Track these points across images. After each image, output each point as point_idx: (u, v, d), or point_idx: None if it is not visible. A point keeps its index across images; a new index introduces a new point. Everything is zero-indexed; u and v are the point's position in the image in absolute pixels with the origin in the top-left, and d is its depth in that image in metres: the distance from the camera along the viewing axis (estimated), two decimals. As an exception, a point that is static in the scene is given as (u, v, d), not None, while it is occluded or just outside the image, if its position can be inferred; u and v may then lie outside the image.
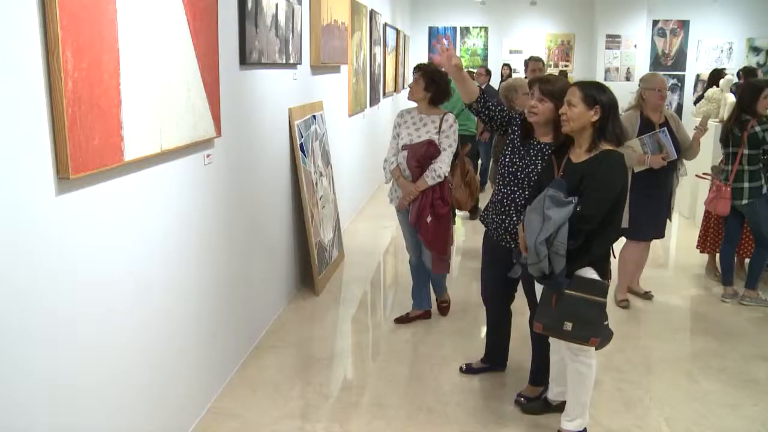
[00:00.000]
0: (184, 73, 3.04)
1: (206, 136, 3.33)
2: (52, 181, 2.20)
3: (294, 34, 5.02)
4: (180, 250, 3.19)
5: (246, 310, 4.21)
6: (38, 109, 2.12)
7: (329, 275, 5.77)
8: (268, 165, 4.61)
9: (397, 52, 12.00)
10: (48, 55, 2.13)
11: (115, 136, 2.47)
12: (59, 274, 2.26)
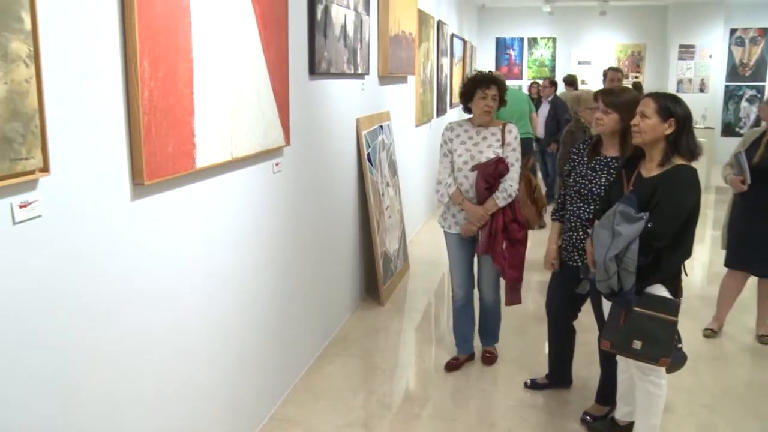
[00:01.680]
0: (255, 82, 3.09)
1: (275, 144, 3.37)
2: (128, 186, 2.26)
3: (362, 45, 5.05)
4: (248, 257, 3.23)
5: (311, 317, 4.24)
6: (116, 116, 2.18)
7: (394, 285, 5.77)
8: (335, 174, 4.64)
9: (464, 62, 11.96)
10: (126, 64, 2.20)
11: (188, 144, 2.52)
12: (132, 278, 2.32)
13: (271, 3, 3.24)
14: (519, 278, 4.05)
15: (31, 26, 1.77)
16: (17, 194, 1.80)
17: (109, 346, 2.21)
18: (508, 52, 15.92)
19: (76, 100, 2.00)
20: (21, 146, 1.76)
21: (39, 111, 1.81)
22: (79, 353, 2.07)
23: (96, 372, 2.15)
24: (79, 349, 2.07)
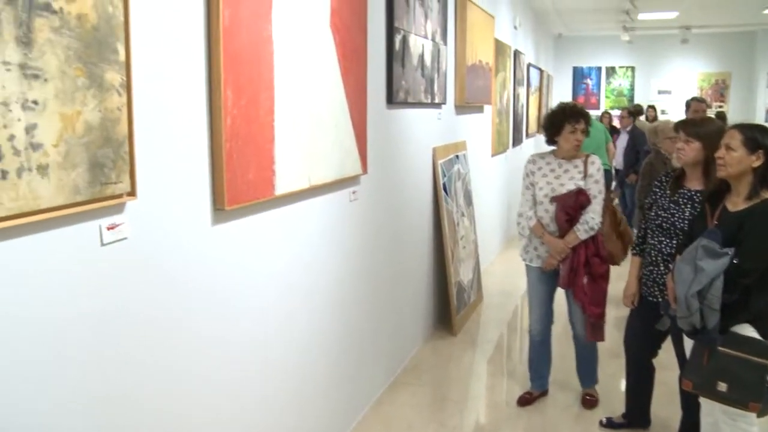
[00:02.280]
0: (333, 111, 3.13)
1: (353, 173, 3.40)
2: (209, 211, 2.31)
3: (439, 74, 5.07)
4: (324, 282, 3.26)
5: (384, 345, 4.22)
6: (200, 143, 2.24)
7: (467, 316, 5.71)
8: (411, 203, 4.65)
9: (541, 92, 11.87)
10: (211, 92, 2.26)
11: (268, 171, 2.57)
12: (212, 300, 2.37)
13: (351, 33, 3.29)
14: (601, 315, 3.90)
15: (125, 57, 1.84)
16: (106, 217, 1.87)
17: (186, 364, 2.25)
18: (585, 82, 15.75)
19: (162, 127, 2.07)
20: (111, 171, 1.82)
21: (128, 137, 1.88)
22: (159, 370, 2.11)
23: (173, 388, 2.19)
24: (159, 366, 2.11)
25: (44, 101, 1.61)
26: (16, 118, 1.54)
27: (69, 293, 1.76)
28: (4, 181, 1.52)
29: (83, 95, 1.72)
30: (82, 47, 1.71)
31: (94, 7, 1.74)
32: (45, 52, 1.61)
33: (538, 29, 11.77)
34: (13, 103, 1.54)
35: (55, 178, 1.66)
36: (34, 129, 1.59)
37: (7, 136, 1.52)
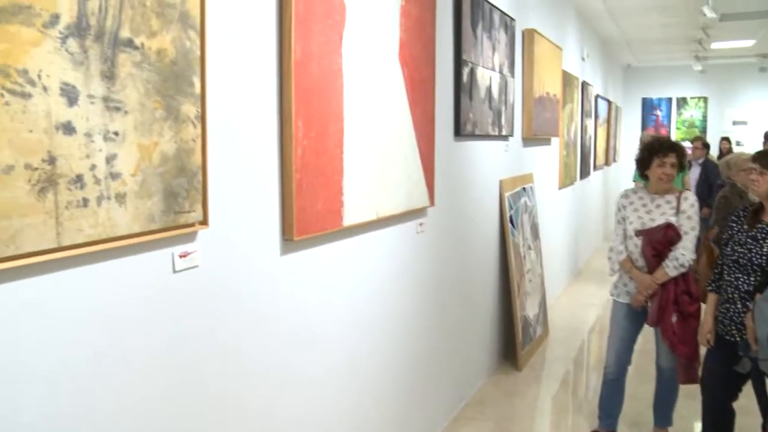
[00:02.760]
0: (402, 143, 3.14)
1: (420, 205, 3.40)
2: (278, 241, 2.34)
3: (507, 106, 5.05)
4: (390, 314, 3.25)
5: (448, 378, 4.18)
6: (270, 174, 2.28)
7: (532, 351, 5.60)
8: (477, 235, 4.62)
9: (609, 123, 11.71)
10: (282, 124, 2.30)
11: (336, 202, 2.59)
12: (280, 328, 2.39)
13: (419, 66, 3.31)
14: (692, 355, 3.71)
15: (200, 90, 1.90)
16: (178, 245, 1.91)
17: (254, 392, 2.27)
18: (655, 113, 15.45)
19: (234, 158, 2.11)
20: (185, 200, 1.87)
21: (202, 168, 1.92)
22: (227, 397, 2.13)
23: (240, 417, 2.21)
24: (227, 393, 2.13)
25: (124, 132, 1.67)
26: (98, 148, 1.60)
27: (142, 318, 1.80)
28: (85, 209, 1.58)
29: (160, 127, 1.78)
30: (161, 81, 1.77)
31: (172, 42, 1.80)
32: (126, 86, 1.67)
33: (606, 60, 11.64)
34: (96, 134, 1.59)
35: (131, 206, 1.70)
36: (114, 159, 1.65)
37: (89, 165, 1.58)
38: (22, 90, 1.43)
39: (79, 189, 1.56)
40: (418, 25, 3.30)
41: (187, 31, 1.85)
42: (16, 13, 1.41)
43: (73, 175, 1.55)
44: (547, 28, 6.56)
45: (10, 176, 1.41)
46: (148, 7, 1.73)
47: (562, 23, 7.52)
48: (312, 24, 2.39)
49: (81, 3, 1.55)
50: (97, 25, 1.59)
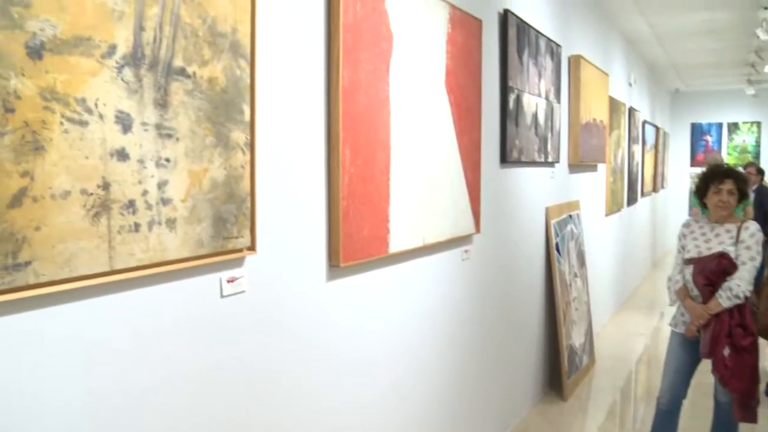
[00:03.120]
0: (448, 170, 3.14)
1: (466, 232, 3.39)
2: (324, 267, 2.35)
3: (553, 133, 5.02)
4: (435, 340, 3.23)
5: (492, 407, 4.12)
6: (317, 201, 2.30)
7: (578, 380, 5.50)
8: (522, 263, 4.57)
9: (657, 149, 11.54)
10: (329, 151, 2.32)
11: (382, 229, 2.59)
12: (325, 353, 2.39)
13: (465, 93, 3.32)
14: (747, 392, 3.53)
15: (250, 117, 1.93)
16: (226, 270, 1.93)
17: (299, 416, 2.27)
18: (705, 138, 15.14)
19: (282, 185, 2.13)
20: (233, 226, 1.89)
21: (250, 194, 1.95)
22: (271, 422, 2.13)
23: (285, 448, 2.21)
24: (272, 418, 2.14)
25: (175, 159, 1.70)
26: (150, 174, 1.63)
27: (190, 342, 1.82)
28: (136, 234, 1.61)
29: (210, 153, 1.81)
30: (211, 108, 1.81)
31: (223, 70, 1.84)
32: (178, 113, 1.71)
33: (653, 85, 11.51)
34: (148, 160, 1.63)
35: (181, 231, 1.73)
36: (166, 185, 1.68)
37: (141, 191, 1.61)
38: (80, 118, 1.47)
39: (132, 214, 1.60)
40: (465, 53, 3.31)
41: (237, 59, 1.89)
42: (78, 45, 1.46)
43: (126, 201, 1.58)
44: (594, 54, 6.52)
45: (66, 201, 1.45)
46: (201, 37, 1.77)
47: (609, 49, 7.47)
48: (360, 52, 2.41)
49: (137, 34, 1.59)
50: (152, 54, 1.63)
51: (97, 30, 1.50)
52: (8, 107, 1.34)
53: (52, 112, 1.42)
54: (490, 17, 3.84)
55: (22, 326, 1.41)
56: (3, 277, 1.34)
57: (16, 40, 1.35)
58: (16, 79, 1.35)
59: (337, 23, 2.30)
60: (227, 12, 1.85)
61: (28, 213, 1.38)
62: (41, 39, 1.39)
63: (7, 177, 1.34)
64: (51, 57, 1.41)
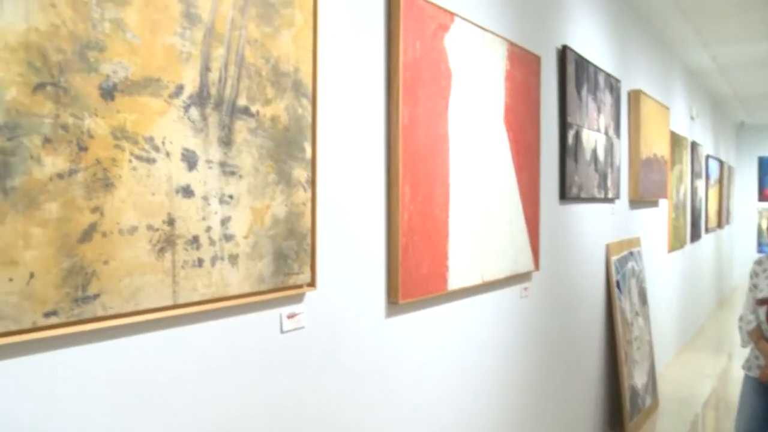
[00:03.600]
0: (507, 206, 3.12)
1: (525, 269, 3.35)
2: (383, 304, 2.35)
3: (612, 168, 4.95)
4: (492, 378, 3.18)
5: (552, 450, 4.03)
6: (377, 237, 2.30)
7: (641, 423, 5.33)
8: (582, 300, 4.49)
9: (721, 184, 11.26)
10: (389, 188, 2.33)
11: (441, 266, 2.58)
12: (384, 390, 2.38)
13: (524, 129, 3.31)
14: None
15: (311, 155, 1.96)
16: (286, 306, 1.94)
17: (356, 461, 2.25)
18: (773, 172, 14.71)
19: (342, 221, 2.15)
20: (294, 262, 1.91)
21: (311, 231, 1.97)
22: (328, 465, 2.13)
23: (343, 486, 2.19)
24: (329, 461, 2.13)
25: (238, 196, 1.74)
26: (213, 211, 1.67)
27: (250, 376, 1.84)
28: (199, 269, 1.64)
29: (272, 190, 1.84)
30: (274, 146, 1.84)
31: (286, 109, 1.87)
32: (242, 151, 1.74)
33: (717, 118, 11.27)
34: (212, 197, 1.66)
35: (243, 267, 1.76)
36: (228, 221, 1.71)
37: (205, 227, 1.64)
38: (147, 156, 1.51)
39: (195, 249, 1.63)
40: (523, 89, 3.30)
41: (299, 98, 1.92)
42: (147, 86, 1.51)
43: (190, 236, 1.62)
44: (654, 88, 6.44)
45: (133, 236, 1.49)
46: (264, 77, 1.81)
47: (669, 82, 7.36)
48: (419, 90, 2.43)
49: (203, 74, 1.64)
50: (217, 94, 1.68)
51: (166, 71, 1.55)
52: (82, 146, 1.39)
53: (121, 150, 1.46)
54: (549, 53, 3.83)
55: (89, 357, 1.45)
56: (72, 309, 1.38)
57: (91, 82, 1.40)
58: (90, 119, 1.40)
59: (396, 62, 2.33)
60: (290, 52, 1.89)
61: (98, 247, 1.42)
62: (114, 81, 1.44)
63: (79, 213, 1.39)
64: (122, 97, 1.46)
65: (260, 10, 1.80)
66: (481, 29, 2.88)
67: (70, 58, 1.37)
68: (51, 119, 1.34)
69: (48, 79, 1.34)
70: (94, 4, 1.41)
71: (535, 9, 3.66)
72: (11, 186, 1.28)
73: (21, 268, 1.30)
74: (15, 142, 1.29)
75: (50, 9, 1.34)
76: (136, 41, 1.49)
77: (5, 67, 1.27)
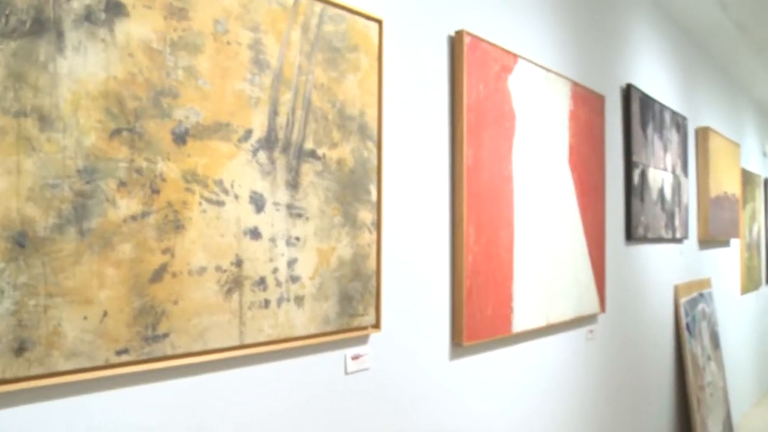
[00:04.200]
0: (572, 248, 3.08)
1: (590, 311, 3.28)
2: (447, 346, 2.33)
3: (680, 208, 4.83)
4: (557, 422, 3.10)
5: (622, 500, 3.89)
6: (441, 279, 2.29)
7: (716, 473, 5.11)
8: (650, 343, 4.36)
9: (797, 224, 10.86)
10: (453, 230, 2.33)
11: (506, 308, 2.55)
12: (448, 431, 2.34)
13: (588, 169, 3.27)
14: None
15: (377, 197, 1.97)
16: (351, 347, 1.94)
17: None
18: None
19: (407, 263, 2.15)
20: (358, 303, 1.91)
21: (376, 272, 1.97)
22: None
23: None
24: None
25: (305, 238, 1.76)
26: (280, 252, 1.69)
27: (314, 417, 1.83)
28: (266, 310, 1.65)
29: (338, 232, 1.85)
30: (340, 188, 1.86)
31: (351, 152, 1.90)
32: (308, 194, 1.77)
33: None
34: (279, 239, 1.69)
35: (309, 308, 1.77)
36: (295, 263, 1.73)
37: (272, 268, 1.67)
38: (217, 198, 1.55)
39: (262, 291, 1.65)
40: (587, 129, 3.27)
41: (365, 141, 1.94)
42: (217, 130, 1.55)
43: (257, 278, 1.64)
44: (723, 125, 6.29)
45: (202, 277, 1.52)
46: (330, 120, 1.84)
47: (739, 118, 7.19)
48: (483, 131, 2.44)
49: (271, 118, 1.68)
50: (284, 138, 1.71)
51: (235, 116, 1.60)
52: (155, 189, 1.43)
53: (192, 193, 1.50)
54: (613, 92, 3.80)
55: (158, 395, 1.47)
56: (143, 348, 1.41)
57: (164, 127, 1.45)
58: (163, 163, 1.44)
59: (460, 104, 2.34)
60: (355, 96, 1.92)
61: (168, 287, 1.45)
62: (186, 126, 1.49)
63: (151, 254, 1.42)
64: (193, 142, 1.50)
65: (326, 55, 1.84)
66: (544, 70, 2.88)
67: (145, 104, 1.42)
68: (126, 163, 1.39)
69: (124, 125, 1.39)
70: (168, 53, 1.46)
71: (598, 48, 3.64)
72: (88, 227, 1.33)
73: (95, 307, 1.34)
74: (92, 185, 1.34)
75: (128, 59, 1.40)
76: (208, 87, 1.54)
77: (86, 114, 1.33)
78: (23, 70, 1.25)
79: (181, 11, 1.50)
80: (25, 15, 1.26)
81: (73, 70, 1.31)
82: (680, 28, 5.20)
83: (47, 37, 1.28)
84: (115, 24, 1.38)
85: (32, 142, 1.26)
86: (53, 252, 1.28)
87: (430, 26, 2.30)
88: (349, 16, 1.91)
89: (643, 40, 4.34)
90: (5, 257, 1.22)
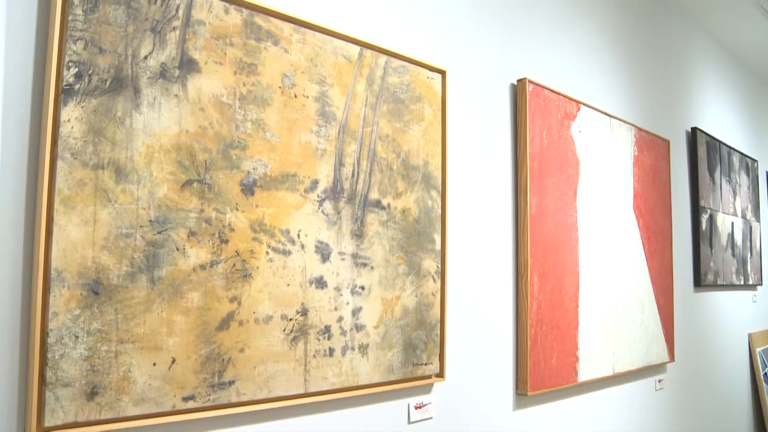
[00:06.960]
0: (638, 295, 3.01)
1: (659, 360, 3.19)
2: (511, 395, 2.29)
3: (752, 253, 4.68)
4: (626, 481, 3.00)
5: None
6: (505, 328, 2.27)
7: None
8: (723, 394, 4.19)
9: None
10: (517, 279, 2.30)
11: (571, 357, 2.50)
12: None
13: (655, 215, 3.20)
14: None
15: (441, 246, 1.97)
16: (414, 396, 1.93)
17: None
18: None
19: (471, 312, 2.13)
20: (423, 353, 1.90)
21: (440, 321, 1.96)
22: None
23: None
24: None
25: (370, 287, 1.76)
26: (345, 301, 1.70)
27: (377, 471, 1.82)
28: (330, 358, 1.66)
29: (403, 281, 1.85)
30: (404, 238, 1.87)
31: (416, 201, 1.91)
32: (373, 243, 1.78)
33: None
34: (345, 288, 1.70)
35: (373, 357, 1.77)
36: (359, 312, 1.73)
37: (336, 317, 1.68)
38: (283, 248, 1.57)
39: (327, 339, 1.66)
40: (652, 174, 3.22)
41: (429, 190, 1.95)
42: (284, 181, 1.58)
43: (322, 326, 1.65)
44: (795, 169, 6.10)
45: (268, 326, 1.53)
46: (395, 170, 1.86)
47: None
48: (546, 179, 2.42)
49: (337, 169, 1.70)
50: (350, 188, 1.73)
51: (302, 167, 1.63)
52: (223, 238, 1.46)
53: (259, 243, 1.53)
54: (678, 136, 3.73)
55: (225, 447, 1.48)
56: (209, 394, 1.42)
57: (233, 178, 1.49)
58: (231, 213, 1.48)
59: (524, 152, 2.34)
60: (419, 146, 1.94)
61: (234, 335, 1.47)
62: (254, 177, 1.53)
63: (218, 302, 1.45)
64: (261, 192, 1.54)
65: (391, 107, 1.87)
66: (607, 116, 2.85)
67: (215, 156, 1.46)
68: (196, 213, 1.43)
69: (195, 176, 1.43)
70: (237, 107, 1.51)
71: (662, 93, 3.59)
72: (158, 276, 1.36)
73: (164, 354, 1.36)
74: (164, 235, 1.37)
75: (199, 113, 1.45)
76: (275, 139, 1.58)
77: (159, 166, 1.37)
78: (102, 125, 1.31)
79: (251, 66, 1.55)
80: (105, 74, 1.32)
81: (147, 125, 1.37)
82: (747, 70, 5.10)
83: (125, 93, 1.34)
84: (187, 80, 1.43)
85: (108, 194, 1.31)
86: (125, 299, 1.32)
87: (493, 75, 2.32)
88: (412, 67, 1.94)
89: (708, 83, 4.27)
90: (80, 304, 1.26)
